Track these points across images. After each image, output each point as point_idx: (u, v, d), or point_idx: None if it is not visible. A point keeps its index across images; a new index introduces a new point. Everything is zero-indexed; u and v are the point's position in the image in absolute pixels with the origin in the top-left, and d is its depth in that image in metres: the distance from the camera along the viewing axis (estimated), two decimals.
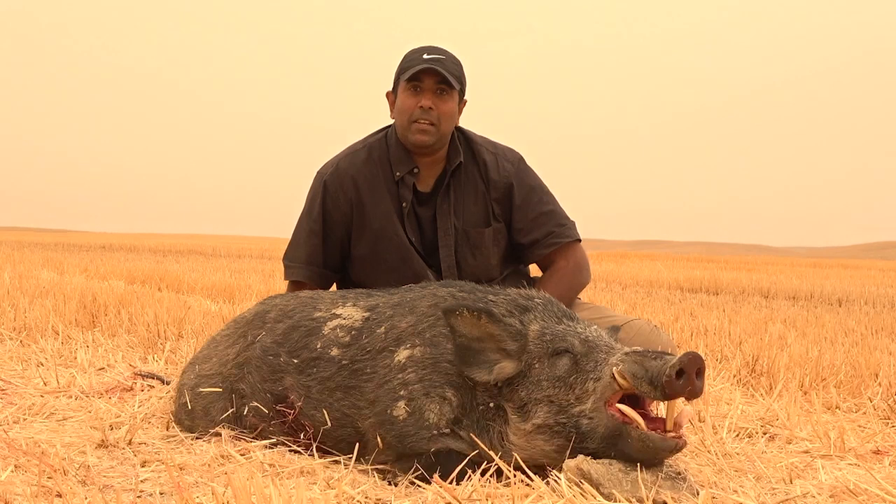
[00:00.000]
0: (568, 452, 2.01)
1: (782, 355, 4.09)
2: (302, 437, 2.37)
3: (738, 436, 2.77)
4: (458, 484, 2.00)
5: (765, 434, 2.78)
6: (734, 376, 3.85)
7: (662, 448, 1.94)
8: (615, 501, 1.86)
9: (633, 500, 1.87)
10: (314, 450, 2.31)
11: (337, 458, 2.29)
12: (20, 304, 5.29)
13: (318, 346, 2.42)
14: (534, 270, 3.26)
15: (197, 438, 2.50)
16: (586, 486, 1.89)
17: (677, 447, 1.95)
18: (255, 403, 2.47)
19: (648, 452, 1.94)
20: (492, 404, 2.16)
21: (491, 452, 2.08)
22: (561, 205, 3.16)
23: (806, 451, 2.55)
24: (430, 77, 2.94)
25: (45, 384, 3.23)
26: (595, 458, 1.96)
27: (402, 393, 2.21)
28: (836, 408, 3.33)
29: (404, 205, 3.02)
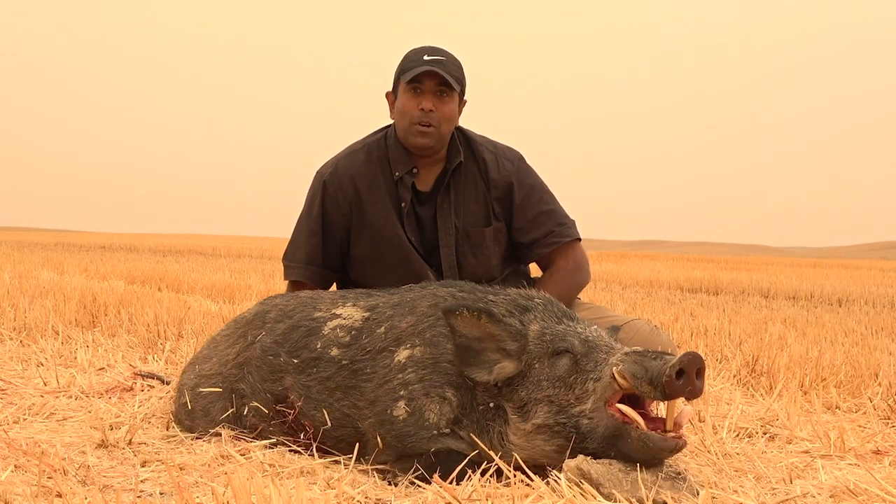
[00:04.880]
0: (568, 452, 2.01)
1: (782, 355, 4.09)
2: (302, 437, 2.37)
3: (738, 436, 2.76)
4: (458, 484, 2.00)
5: (765, 434, 2.78)
6: (734, 376, 3.84)
7: (662, 448, 1.94)
8: (615, 501, 1.86)
9: (633, 500, 1.86)
10: (314, 450, 2.31)
11: (337, 458, 2.29)
12: (20, 304, 5.29)
13: (318, 346, 2.42)
14: (534, 270, 3.26)
15: (197, 438, 2.50)
16: (586, 486, 1.89)
17: (677, 447, 1.95)
18: (255, 403, 2.47)
19: (648, 452, 1.94)
20: (492, 404, 2.16)
21: (491, 452, 2.08)
22: (561, 204, 3.16)
23: (806, 451, 2.55)
24: (431, 79, 2.93)
25: (45, 384, 3.23)
26: (595, 458, 1.96)
27: (402, 393, 2.21)
28: (836, 408, 3.33)
29: (403, 205, 3.02)
